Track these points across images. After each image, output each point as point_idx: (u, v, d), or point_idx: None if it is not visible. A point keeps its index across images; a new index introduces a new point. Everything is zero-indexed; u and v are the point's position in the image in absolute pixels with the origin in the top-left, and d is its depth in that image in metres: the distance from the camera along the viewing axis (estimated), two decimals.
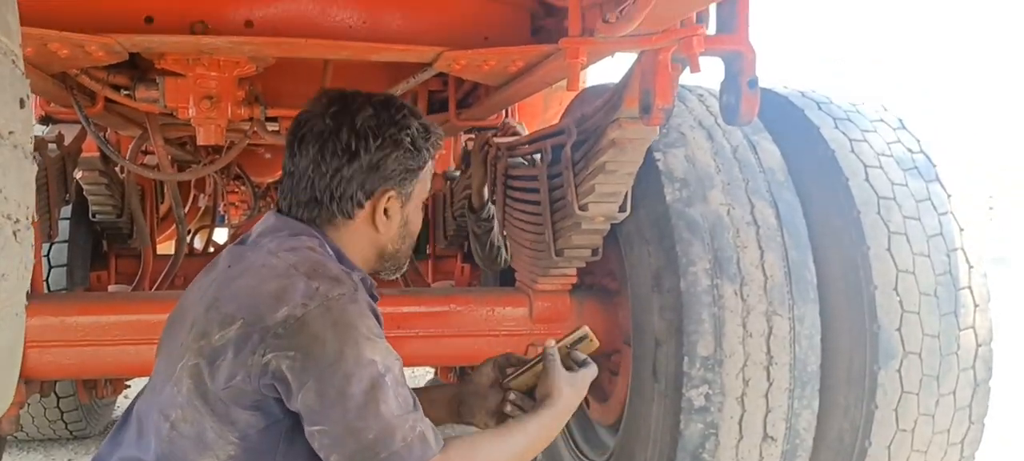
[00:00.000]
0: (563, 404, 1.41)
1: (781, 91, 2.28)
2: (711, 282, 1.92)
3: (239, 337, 1.18)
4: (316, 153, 1.32)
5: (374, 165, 1.32)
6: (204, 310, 1.25)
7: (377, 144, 1.32)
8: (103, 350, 2.17)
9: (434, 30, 1.72)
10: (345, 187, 1.32)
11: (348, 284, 1.24)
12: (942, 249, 1.97)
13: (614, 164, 1.84)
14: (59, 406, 3.41)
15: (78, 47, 1.59)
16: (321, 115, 1.34)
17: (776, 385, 1.92)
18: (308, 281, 1.21)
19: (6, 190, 0.67)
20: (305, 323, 1.17)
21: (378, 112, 1.34)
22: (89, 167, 2.97)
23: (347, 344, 1.17)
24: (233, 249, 1.35)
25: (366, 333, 1.20)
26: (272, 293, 1.20)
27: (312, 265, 1.24)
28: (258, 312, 1.19)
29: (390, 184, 1.34)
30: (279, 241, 1.30)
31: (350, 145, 1.31)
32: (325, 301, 1.19)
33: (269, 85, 2.15)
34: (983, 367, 1.98)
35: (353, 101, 1.35)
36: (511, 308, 2.34)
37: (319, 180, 1.32)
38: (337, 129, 1.32)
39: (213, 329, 1.21)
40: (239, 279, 1.26)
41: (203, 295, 1.28)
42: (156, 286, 3.09)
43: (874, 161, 2.04)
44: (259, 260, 1.27)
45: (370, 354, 1.18)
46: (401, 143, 1.34)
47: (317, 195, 1.33)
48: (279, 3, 1.68)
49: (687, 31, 1.40)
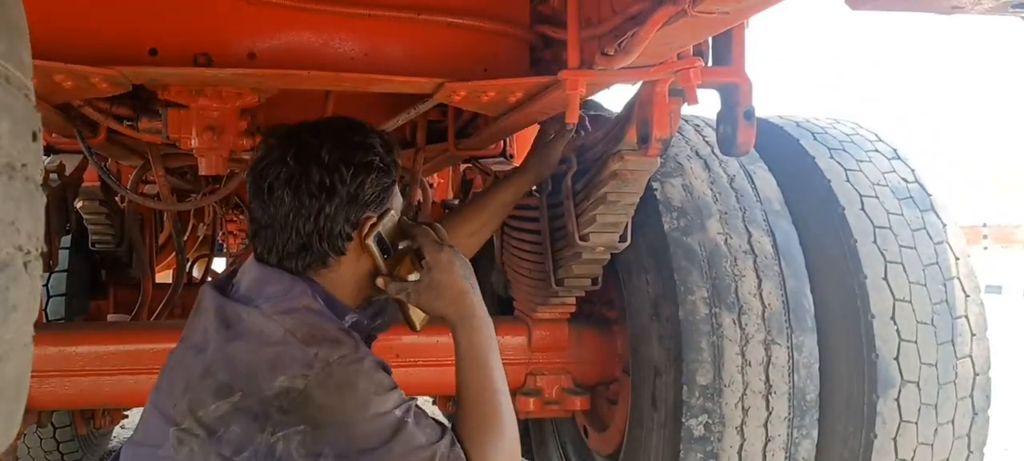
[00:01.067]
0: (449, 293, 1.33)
1: (777, 121, 2.31)
2: (709, 311, 1.93)
3: (239, 409, 1.15)
4: (292, 199, 1.28)
5: (353, 195, 1.30)
6: (199, 376, 1.20)
7: (351, 173, 1.29)
8: (101, 380, 2.17)
9: (434, 62, 1.74)
10: (331, 224, 1.29)
11: (348, 344, 1.21)
12: (938, 278, 1.99)
13: (615, 195, 1.85)
14: (55, 436, 3.39)
15: (83, 79, 1.60)
16: (281, 159, 1.29)
17: (775, 414, 1.92)
18: (305, 348, 1.17)
19: (18, 222, 0.68)
20: (308, 395, 1.14)
21: (340, 141, 1.31)
22: (89, 197, 2.99)
23: (356, 406, 1.15)
24: (222, 304, 1.28)
25: (374, 390, 1.18)
26: (269, 362, 1.17)
27: (309, 329, 1.21)
28: (256, 383, 1.15)
29: (370, 208, 1.32)
30: (273, 302, 1.25)
31: (325, 182, 1.27)
32: (325, 367, 1.16)
33: (271, 115, 2.17)
34: (981, 396, 1.99)
35: (309, 135, 1.32)
36: (510, 337, 2.35)
37: (304, 225, 1.28)
38: (306, 170, 1.28)
39: (208, 398, 1.17)
40: (233, 344, 1.21)
41: (198, 355, 1.24)
42: (155, 316, 3.09)
43: (870, 191, 2.06)
44: (255, 324, 1.22)
45: (382, 407, 1.17)
46: (372, 165, 1.31)
47: (305, 241, 1.29)
48: (282, 35, 1.70)
49: (684, 64, 1.42)
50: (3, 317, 0.67)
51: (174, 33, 1.65)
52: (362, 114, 2.40)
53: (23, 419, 2.15)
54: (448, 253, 1.35)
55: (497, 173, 2.24)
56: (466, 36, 1.75)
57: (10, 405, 0.75)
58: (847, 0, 0.98)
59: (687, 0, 1.07)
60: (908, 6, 0.97)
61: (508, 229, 2.50)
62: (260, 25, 1.68)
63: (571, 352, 2.37)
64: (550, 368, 2.36)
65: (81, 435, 3.40)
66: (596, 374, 2.40)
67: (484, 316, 1.36)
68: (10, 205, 0.67)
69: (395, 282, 1.35)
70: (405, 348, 2.23)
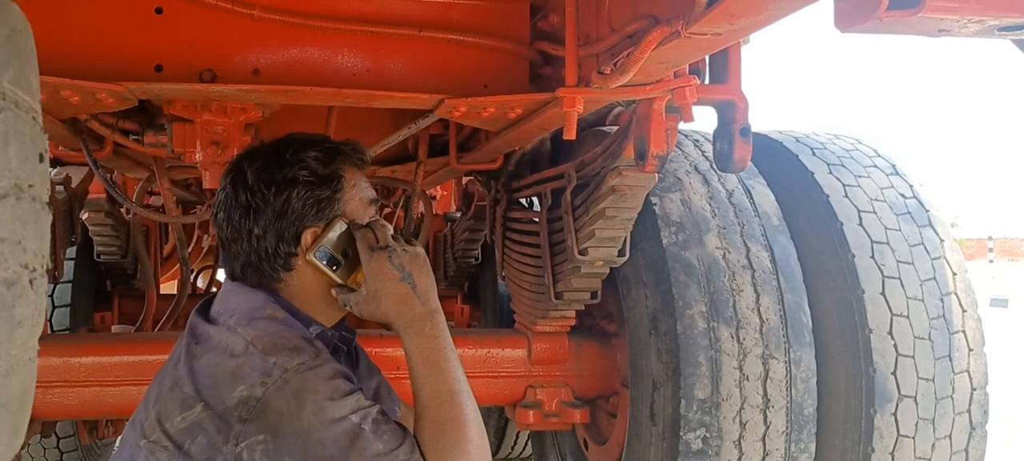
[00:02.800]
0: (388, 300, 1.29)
1: (776, 136, 2.33)
2: (707, 325, 1.95)
3: (204, 421, 1.16)
4: (226, 222, 1.33)
5: (280, 212, 1.30)
6: (168, 389, 1.22)
7: (273, 191, 1.30)
8: (105, 391, 2.19)
9: (435, 78, 1.76)
10: (265, 244, 1.30)
11: (307, 351, 1.22)
12: (936, 293, 2.00)
13: (614, 210, 1.87)
14: (59, 446, 3.41)
15: (90, 94, 1.63)
16: (224, 185, 1.35)
17: (773, 428, 1.93)
18: (264, 358, 1.19)
19: (25, 241, 0.70)
20: (267, 402, 1.15)
21: (268, 161, 1.33)
22: (95, 208, 3.01)
23: (312, 412, 1.15)
24: (197, 322, 1.31)
25: (330, 395, 1.17)
26: (230, 373, 1.18)
27: (270, 340, 1.22)
28: (218, 394, 1.17)
29: (307, 222, 1.31)
30: (238, 316, 1.27)
31: (249, 203, 1.30)
32: (283, 375, 1.17)
33: (275, 130, 2.19)
34: (978, 410, 2.00)
35: (245, 159, 1.35)
36: (510, 349, 2.37)
37: (242, 246, 1.31)
38: (235, 193, 1.32)
39: (174, 411, 1.19)
40: (200, 358, 1.23)
41: (171, 370, 1.26)
42: (159, 327, 3.11)
43: (867, 206, 2.08)
44: (220, 339, 1.24)
45: (338, 413, 1.16)
46: (297, 180, 1.31)
47: (249, 260, 1.32)
48: (285, 52, 1.72)
49: (680, 82, 1.44)
50: (9, 333, 0.69)
51: (179, 50, 1.67)
52: (365, 129, 2.44)
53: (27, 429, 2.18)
54: (379, 257, 1.29)
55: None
56: (467, 53, 1.78)
57: (15, 418, 0.77)
58: (837, 23, 1.00)
59: (681, 22, 1.09)
60: (896, 29, 0.99)
61: (509, 243, 2.52)
62: (264, 42, 1.71)
63: (571, 365, 2.38)
64: (550, 381, 2.37)
65: (84, 445, 3.42)
66: (596, 387, 2.41)
67: (429, 315, 1.30)
68: (17, 225, 0.69)
69: (342, 293, 1.33)
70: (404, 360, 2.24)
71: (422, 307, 1.30)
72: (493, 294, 3.74)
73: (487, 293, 3.81)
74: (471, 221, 3.36)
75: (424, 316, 1.29)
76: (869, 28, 0.98)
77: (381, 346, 2.14)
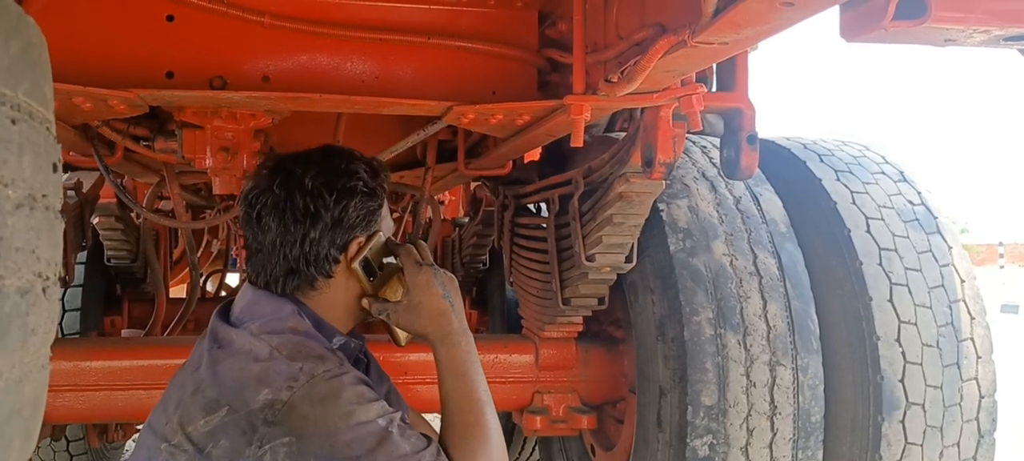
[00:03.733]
0: (428, 312, 1.37)
1: (783, 143, 2.33)
2: (715, 332, 1.95)
3: (227, 425, 1.18)
4: (278, 225, 1.34)
5: (338, 220, 1.34)
6: (190, 393, 1.24)
7: (333, 198, 1.34)
8: (115, 395, 2.20)
9: (444, 85, 1.77)
10: (317, 249, 1.33)
11: (332, 360, 1.25)
12: (944, 300, 1.99)
13: (621, 217, 1.88)
14: (69, 449, 3.43)
15: (101, 101, 1.64)
16: (268, 188, 1.36)
17: (780, 435, 1.93)
18: (290, 363, 1.21)
19: (38, 250, 0.71)
20: (293, 406, 1.17)
21: (324, 168, 1.36)
22: (106, 213, 3.04)
23: (340, 416, 1.17)
24: (219, 326, 1.34)
25: (356, 400, 1.20)
26: (255, 377, 1.20)
27: (294, 346, 1.24)
28: (242, 397, 1.19)
29: (357, 232, 1.36)
30: (262, 322, 1.30)
31: (309, 208, 1.33)
32: (309, 380, 1.19)
33: (284, 136, 2.21)
34: (987, 418, 1.99)
35: (295, 164, 1.38)
36: (517, 355, 2.37)
37: (291, 250, 1.33)
38: (290, 196, 1.34)
39: (197, 415, 1.20)
40: (223, 363, 1.25)
41: (192, 374, 1.28)
42: (169, 331, 3.13)
43: (875, 213, 2.07)
44: (243, 344, 1.27)
45: (365, 416, 1.19)
46: (355, 190, 1.36)
47: (293, 265, 1.34)
48: (295, 59, 1.74)
49: (687, 90, 1.44)
50: (23, 340, 0.71)
51: (190, 57, 1.69)
52: (373, 135, 2.45)
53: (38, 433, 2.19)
54: (427, 273, 1.38)
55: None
56: (475, 60, 1.79)
57: (28, 424, 0.78)
58: (842, 33, 1.01)
59: (687, 31, 1.10)
60: (902, 39, 1.00)
61: (517, 248, 2.53)
62: (274, 49, 1.72)
63: (578, 371, 2.38)
64: (557, 387, 2.37)
65: (94, 448, 3.44)
66: (603, 393, 2.41)
67: (463, 332, 1.40)
68: (31, 234, 0.70)
69: (378, 302, 1.39)
70: (414, 365, 2.26)
71: (458, 324, 1.39)
72: (501, 299, 3.74)
73: (495, 298, 3.82)
74: (479, 226, 3.37)
75: (459, 332, 1.39)
76: (875, 38, 0.99)
77: (388, 352, 2.15)
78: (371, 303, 1.39)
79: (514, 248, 2.55)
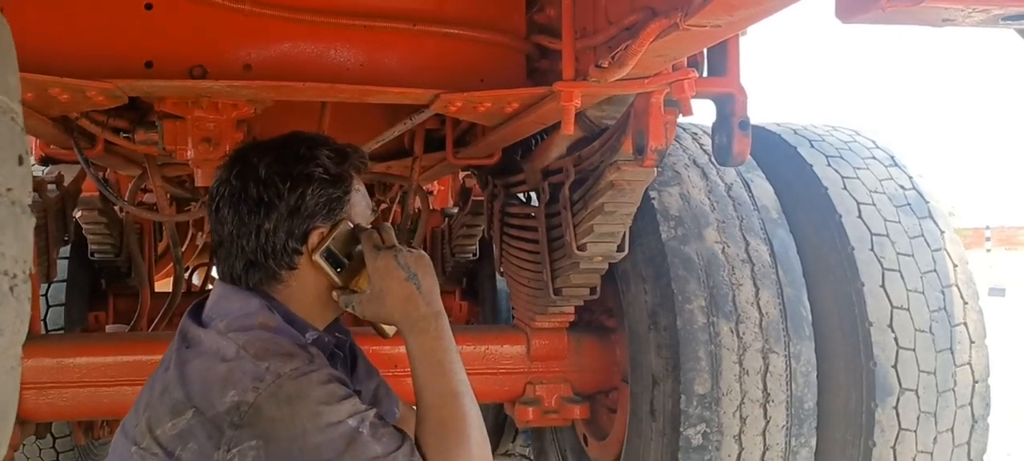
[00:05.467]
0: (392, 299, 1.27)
1: (774, 128, 2.31)
2: (707, 320, 1.93)
3: (195, 427, 1.14)
4: (234, 217, 1.28)
5: (294, 208, 1.28)
6: (158, 394, 1.20)
7: (288, 186, 1.27)
8: (100, 391, 2.16)
9: (430, 73, 1.74)
10: (274, 240, 1.27)
11: (301, 357, 1.19)
12: (936, 285, 1.98)
13: (612, 205, 1.85)
14: (55, 447, 3.39)
15: (78, 92, 1.60)
16: (227, 178, 1.31)
17: (773, 423, 1.92)
18: (256, 363, 1.16)
19: (4, 246, 0.68)
20: (259, 408, 1.12)
21: (280, 155, 1.30)
22: (88, 207, 2.99)
23: (308, 417, 1.12)
24: (189, 326, 1.29)
25: (325, 399, 1.15)
26: (221, 378, 1.15)
27: (263, 345, 1.19)
28: (209, 399, 1.14)
29: (317, 221, 1.29)
30: (229, 320, 1.25)
31: (262, 197, 1.27)
32: (276, 380, 1.14)
33: (268, 126, 2.17)
34: (981, 403, 1.98)
35: (254, 153, 1.32)
36: (509, 346, 2.35)
37: (247, 242, 1.28)
38: (244, 186, 1.28)
39: (164, 417, 1.17)
40: (191, 363, 1.21)
41: (162, 374, 1.24)
42: (154, 326, 3.09)
43: (867, 198, 2.06)
44: (211, 343, 1.22)
45: (334, 417, 1.14)
46: (313, 177, 1.29)
47: (251, 257, 1.29)
48: (277, 47, 1.70)
49: (678, 75, 1.42)
50: None
51: (169, 46, 1.65)
52: (359, 124, 2.41)
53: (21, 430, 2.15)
54: (385, 257, 1.28)
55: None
56: (462, 47, 1.75)
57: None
58: (838, 13, 0.98)
59: (679, 14, 1.07)
60: (899, 19, 0.97)
61: (507, 238, 2.50)
62: (256, 37, 1.68)
63: (570, 361, 2.36)
64: (549, 377, 2.35)
65: (80, 446, 3.40)
66: (595, 382, 2.40)
67: (434, 315, 1.28)
68: None
69: (344, 295, 1.31)
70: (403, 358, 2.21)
71: (427, 308, 1.28)
72: (492, 290, 3.72)
73: (486, 289, 3.80)
74: (469, 216, 3.35)
75: (429, 317, 1.28)
76: (871, 18, 0.96)
77: (378, 345, 2.12)
78: (339, 296, 1.32)
79: (504, 238, 2.52)
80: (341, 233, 1.31)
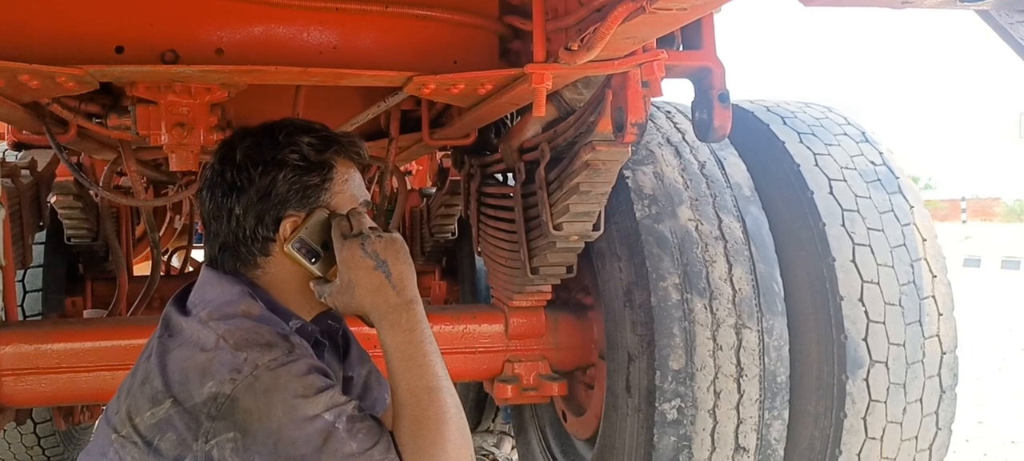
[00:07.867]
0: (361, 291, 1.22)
1: (747, 106, 2.33)
2: (681, 296, 1.96)
3: (173, 417, 1.13)
4: (210, 200, 1.29)
5: (264, 193, 1.26)
6: (139, 382, 1.19)
7: (259, 171, 1.26)
8: (79, 377, 2.16)
9: (403, 55, 1.74)
10: (244, 224, 1.26)
11: (281, 347, 1.17)
12: (906, 260, 2.02)
13: (588, 185, 1.87)
14: (36, 431, 3.38)
15: (49, 78, 1.59)
16: (212, 163, 1.31)
17: (747, 397, 1.96)
18: (235, 353, 1.14)
19: None
20: (235, 399, 1.11)
21: (259, 140, 1.29)
22: (63, 191, 2.96)
23: (284, 410, 1.11)
24: (172, 313, 1.28)
25: (301, 392, 1.13)
26: (200, 368, 1.14)
27: (243, 334, 1.17)
28: (187, 390, 1.14)
29: (289, 208, 1.26)
30: (211, 308, 1.23)
31: (234, 181, 1.26)
32: (253, 371, 1.13)
33: (242, 110, 2.16)
34: (948, 374, 2.03)
35: (240, 138, 1.31)
36: (487, 325, 2.37)
37: (221, 226, 1.28)
38: (222, 170, 1.28)
39: (144, 405, 1.16)
40: (172, 352, 1.20)
41: (144, 362, 1.23)
42: (132, 310, 3.08)
43: (838, 174, 2.09)
44: (192, 332, 1.20)
45: (310, 411, 1.12)
46: (286, 162, 1.26)
47: (226, 241, 1.28)
48: (249, 30, 1.69)
49: (648, 57, 1.43)
50: None
51: (140, 30, 1.63)
52: (334, 107, 2.41)
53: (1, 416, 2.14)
54: (350, 246, 1.23)
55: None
56: (435, 28, 1.75)
57: None
58: None
59: None
60: (860, 1, 0.99)
61: (484, 219, 2.51)
62: (228, 20, 1.67)
63: (548, 339, 2.39)
64: (528, 355, 2.38)
65: (61, 431, 3.40)
66: (573, 360, 2.43)
67: (406, 305, 1.23)
68: None
69: (318, 285, 1.28)
70: None
71: (397, 297, 1.22)
72: (470, 269, 3.73)
73: (464, 269, 3.81)
74: (446, 196, 3.35)
75: (399, 307, 1.22)
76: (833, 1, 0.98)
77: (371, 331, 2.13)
78: (314, 286, 1.29)
79: (481, 218, 2.54)
80: (316, 221, 1.28)
